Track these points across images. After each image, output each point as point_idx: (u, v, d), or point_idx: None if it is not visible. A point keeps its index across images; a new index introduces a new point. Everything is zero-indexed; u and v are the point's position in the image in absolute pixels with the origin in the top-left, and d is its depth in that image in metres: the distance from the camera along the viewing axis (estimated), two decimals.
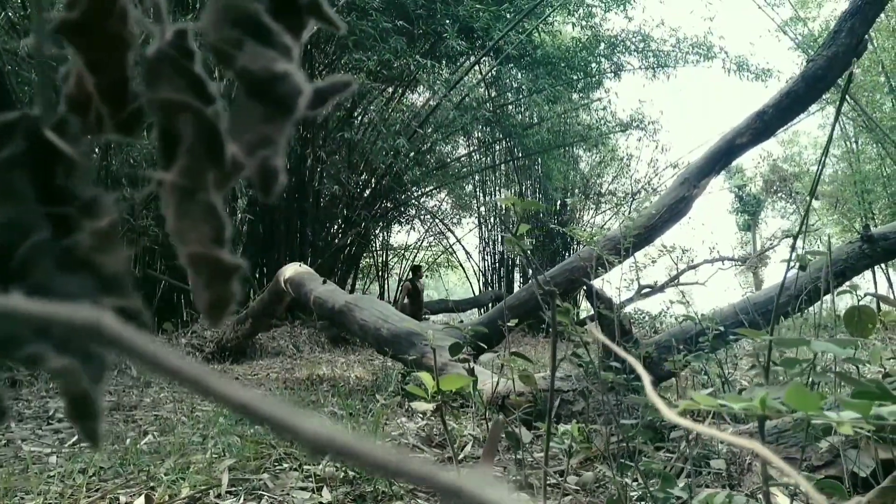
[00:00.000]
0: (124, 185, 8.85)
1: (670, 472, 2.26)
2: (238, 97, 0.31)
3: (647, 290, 5.64)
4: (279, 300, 6.96)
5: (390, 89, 12.08)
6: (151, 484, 2.28)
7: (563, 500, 1.98)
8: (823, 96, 13.08)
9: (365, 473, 2.26)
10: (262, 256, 11.18)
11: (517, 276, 16.54)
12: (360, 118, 12.36)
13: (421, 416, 3.60)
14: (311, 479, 2.28)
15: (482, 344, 3.38)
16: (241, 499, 2.13)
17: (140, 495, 2.15)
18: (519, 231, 1.25)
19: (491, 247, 17.01)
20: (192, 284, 0.31)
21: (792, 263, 1.31)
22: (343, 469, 2.36)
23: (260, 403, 0.23)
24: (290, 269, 6.64)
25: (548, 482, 1.84)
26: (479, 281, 17.28)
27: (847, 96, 12.32)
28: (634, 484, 1.89)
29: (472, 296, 16.40)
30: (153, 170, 0.31)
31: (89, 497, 2.18)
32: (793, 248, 1.31)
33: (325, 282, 6.22)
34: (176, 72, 0.30)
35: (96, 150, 8.65)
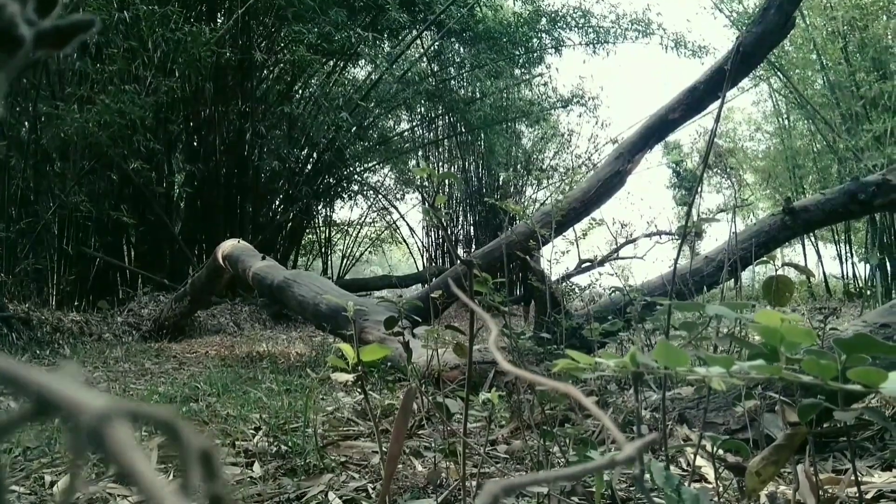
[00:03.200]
0: (55, 160, 8.59)
1: (596, 438, 2.33)
2: None
3: (587, 263, 5.74)
4: (218, 277, 6.86)
5: (331, 63, 11.92)
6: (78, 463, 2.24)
7: (492, 468, 2.03)
8: (754, 73, 13.40)
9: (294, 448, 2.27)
10: (201, 233, 10.98)
11: (461, 252, 16.61)
12: (300, 92, 12.19)
13: (358, 390, 3.62)
14: (241, 455, 2.28)
15: (417, 318, 3.40)
16: (171, 475, 2.12)
17: (66, 474, 2.11)
18: (436, 202, 1.25)
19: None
20: None
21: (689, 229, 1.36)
22: (276, 444, 2.36)
23: None
24: (228, 245, 6.54)
25: (479, 451, 1.87)
26: (422, 257, 17.31)
27: (779, 73, 12.65)
28: (561, 451, 1.94)
29: (416, 271, 16.41)
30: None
31: (13, 476, 2.14)
32: (687, 216, 1.36)
33: (263, 258, 6.15)
34: None
35: (25, 124, 8.37)
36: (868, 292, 10.45)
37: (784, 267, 2.46)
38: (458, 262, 1.33)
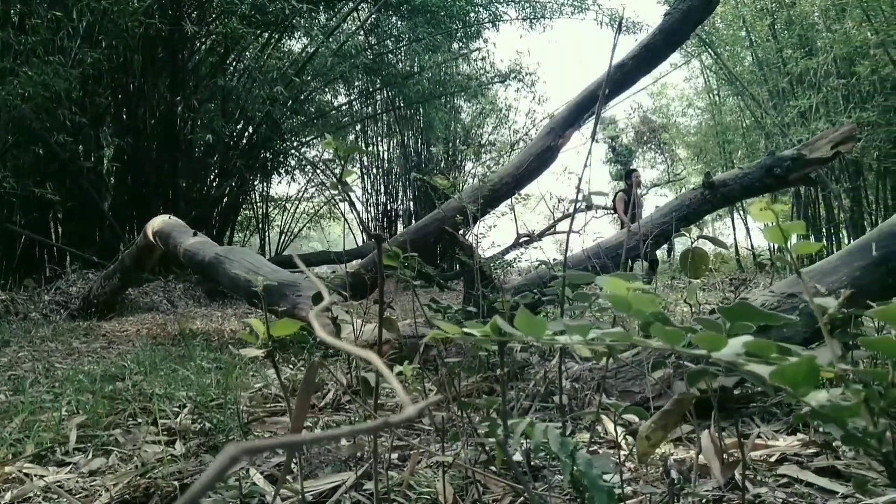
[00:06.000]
0: None
1: (518, 408, 2.38)
2: None
3: (525, 238, 5.81)
4: (148, 254, 6.71)
5: (265, 35, 11.68)
6: None
7: (415, 440, 2.06)
8: (686, 50, 13.66)
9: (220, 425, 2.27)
10: (132, 208, 10.70)
11: (400, 226, 16.60)
12: (234, 65, 11.93)
13: (290, 367, 3.61)
14: (164, 434, 2.26)
15: (345, 293, 3.40)
16: (90, 455, 2.09)
17: None
18: (344, 176, 1.26)
19: (374, 198, 16.97)
20: None
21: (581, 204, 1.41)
22: (199, 421, 2.35)
23: None
24: (159, 221, 6.40)
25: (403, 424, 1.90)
26: (362, 232, 17.23)
27: (709, 49, 12.91)
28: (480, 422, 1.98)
29: (355, 247, 16.35)
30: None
31: None
32: (578, 188, 1.39)
33: (195, 234, 6.03)
34: None
35: None
36: (778, 264, 10.84)
37: (705, 240, 2.54)
38: (371, 237, 1.34)
